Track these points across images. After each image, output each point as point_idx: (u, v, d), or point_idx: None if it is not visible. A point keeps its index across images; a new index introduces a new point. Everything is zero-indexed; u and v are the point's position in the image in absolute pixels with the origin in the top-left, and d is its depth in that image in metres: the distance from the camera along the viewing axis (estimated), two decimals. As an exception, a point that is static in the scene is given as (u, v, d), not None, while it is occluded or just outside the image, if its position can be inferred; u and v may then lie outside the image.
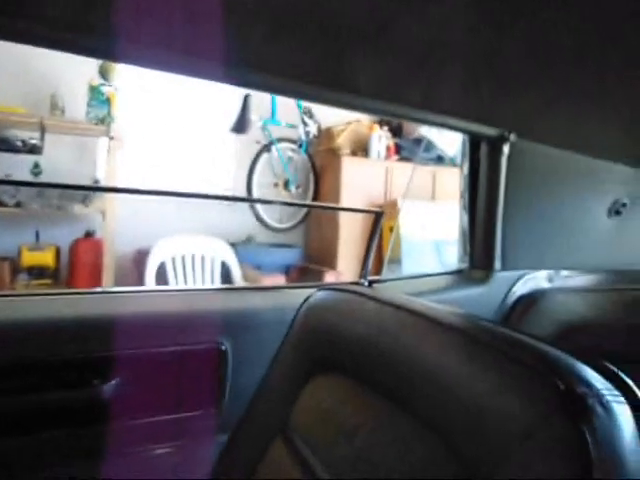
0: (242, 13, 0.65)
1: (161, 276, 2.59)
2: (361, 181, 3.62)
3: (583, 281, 1.33)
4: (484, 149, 1.18)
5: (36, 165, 2.96)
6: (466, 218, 1.25)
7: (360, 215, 3.61)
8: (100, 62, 3.00)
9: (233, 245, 3.16)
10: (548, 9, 0.66)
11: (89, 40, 0.66)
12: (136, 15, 0.64)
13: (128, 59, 0.75)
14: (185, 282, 2.68)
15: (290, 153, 3.65)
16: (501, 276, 1.22)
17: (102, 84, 3.00)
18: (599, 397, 0.40)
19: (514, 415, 0.42)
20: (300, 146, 3.64)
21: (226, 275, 2.86)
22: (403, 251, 3.27)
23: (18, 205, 2.75)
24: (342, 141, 3.66)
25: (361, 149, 3.75)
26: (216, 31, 0.70)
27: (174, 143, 3.56)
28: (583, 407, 0.39)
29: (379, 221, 1.11)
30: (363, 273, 1.13)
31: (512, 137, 1.12)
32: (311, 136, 3.69)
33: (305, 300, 0.76)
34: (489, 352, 0.48)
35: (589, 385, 0.41)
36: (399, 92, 0.92)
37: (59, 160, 3.08)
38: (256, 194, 3.43)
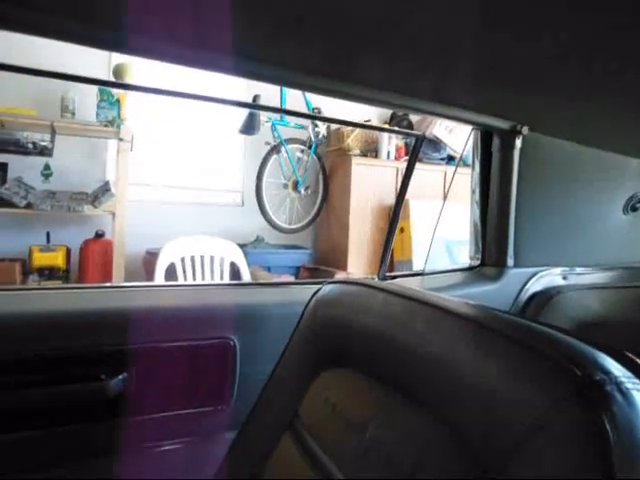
0: (251, 4, 0.64)
1: (170, 277, 2.58)
2: (371, 182, 3.61)
3: (598, 278, 1.31)
4: (496, 143, 1.16)
5: (47, 167, 2.99)
6: (478, 214, 1.23)
7: (370, 216, 3.59)
8: (114, 64, 3.02)
9: (242, 246, 3.16)
10: (562, 4, 0.65)
11: (97, 31, 0.66)
12: (144, 6, 0.64)
13: (136, 51, 0.75)
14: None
15: (299, 154, 3.65)
16: (514, 273, 1.20)
17: (112, 86, 3.01)
18: (618, 384, 0.38)
19: (527, 403, 0.40)
20: (309, 147, 3.64)
21: (235, 276, 2.85)
22: (414, 251, 3.25)
23: (29, 206, 2.77)
24: (352, 142, 3.65)
25: (371, 150, 3.73)
26: (225, 23, 0.69)
27: (183, 144, 3.57)
28: (601, 394, 0.37)
29: (419, 146, 1.11)
30: (381, 267, 1.11)
31: (524, 130, 1.10)
32: (320, 137, 3.68)
33: (314, 294, 0.75)
34: (501, 339, 0.47)
35: (607, 372, 0.39)
36: (410, 85, 0.91)
37: (69, 162, 3.11)
38: (265, 195, 3.42)
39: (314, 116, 3.48)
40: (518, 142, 1.12)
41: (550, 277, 1.24)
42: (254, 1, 0.64)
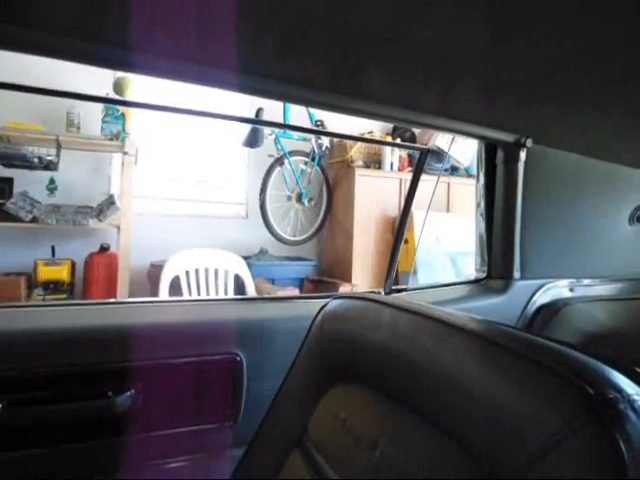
0: (256, 21, 0.65)
1: (175, 289, 2.59)
2: (375, 193, 3.62)
3: (605, 290, 1.30)
4: (500, 155, 1.17)
5: (52, 181, 3.01)
6: (483, 226, 1.23)
7: (374, 227, 3.59)
8: (115, 79, 3.05)
9: (246, 258, 3.16)
10: (565, 17, 0.65)
11: (101, 50, 0.67)
12: (149, 25, 0.65)
13: (141, 69, 0.75)
14: (199, 295, 2.68)
15: (303, 166, 3.66)
16: (521, 285, 1.19)
17: (117, 100, 3.04)
18: (631, 402, 0.37)
19: (538, 420, 0.40)
20: (313, 159, 3.65)
21: (240, 288, 2.85)
22: (418, 262, 3.24)
23: (34, 220, 2.78)
24: (355, 153, 3.66)
25: (374, 161, 3.75)
26: (230, 40, 0.70)
27: (188, 157, 3.59)
28: (615, 412, 0.37)
29: (424, 159, 1.11)
30: (387, 281, 1.11)
31: (529, 143, 1.10)
32: (324, 148, 3.69)
33: (321, 309, 0.75)
34: (510, 356, 0.46)
35: (619, 390, 0.38)
36: (415, 99, 0.92)
37: (74, 176, 3.13)
38: (269, 207, 3.43)
39: (318, 131, 3.50)
40: (522, 155, 1.12)
41: (557, 289, 1.24)
42: (259, 18, 0.64)
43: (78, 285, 3.01)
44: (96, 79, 2.91)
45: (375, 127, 3.83)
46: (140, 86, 3.05)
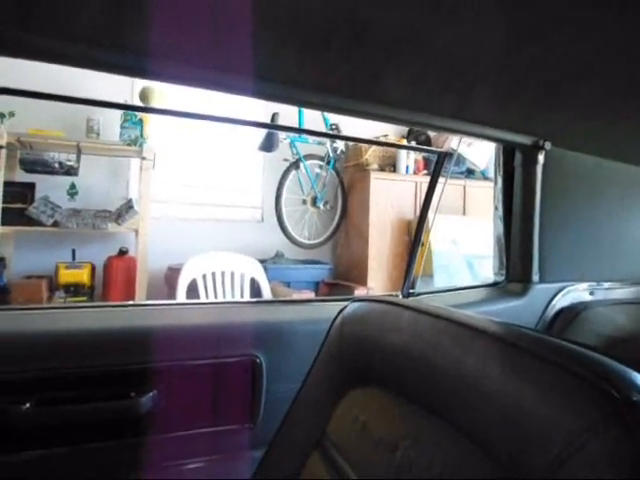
0: (276, 28, 0.65)
1: (192, 293, 2.61)
2: (390, 197, 3.61)
3: (626, 293, 1.29)
4: (518, 158, 1.16)
5: (72, 186, 3.06)
6: (501, 229, 1.22)
7: (389, 231, 3.58)
8: (140, 88, 3.10)
9: (262, 262, 3.17)
10: (582, 21, 0.65)
11: (122, 58, 0.68)
12: (169, 33, 0.66)
13: (162, 76, 0.76)
14: (215, 298, 2.69)
15: (318, 170, 3.67)
16: (540, 289, 1.18)
17: (135, 106, 3.08)
18: None
19: (561, 423, 0.40)
20: (328, 163, 3.66)
21: (256, 292, 2.86)
22: (435, 266, 3.23)
23: (55, 225, 2.83)
24: (370, 157, 3.66)
25: (389, 164, 3.74)
26: (249, 47, 0.71)
27: (204, 162, 3.63)
28: None
29: (442, 162, 1.11)
30: (404, 284, 1.11)
31: (547, 145, 1.10)
32: (338, 152, 3.70)
33: (340, 312, 0.75)
34: (532, 359, 0.46)
35: None
36: (432, 103, 0.92)
37: (94, 180, 3.18)
38: (285, 211, 3.44)
39: (334, 135, 3.51)
40: (541, 157, 1.12)
41: (577, 292, 1.23)
42: (279, 25, 0.65)
43: (98, 288, 3.06)
44: (116, 85, 2.96)
45: (390, 131, 3.83)
46: (163, 95, 3.09)
